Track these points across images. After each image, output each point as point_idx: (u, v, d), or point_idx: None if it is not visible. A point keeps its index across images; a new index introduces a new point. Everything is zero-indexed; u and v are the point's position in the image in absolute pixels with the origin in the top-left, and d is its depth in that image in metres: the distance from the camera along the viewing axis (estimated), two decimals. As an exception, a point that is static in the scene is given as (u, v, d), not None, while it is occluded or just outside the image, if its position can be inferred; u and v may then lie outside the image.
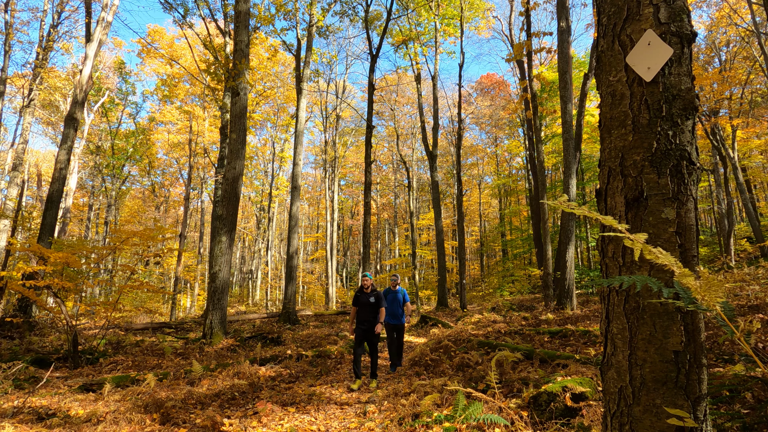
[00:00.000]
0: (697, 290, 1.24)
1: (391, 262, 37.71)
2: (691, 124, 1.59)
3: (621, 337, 1.60)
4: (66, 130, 11.95)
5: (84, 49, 12.88)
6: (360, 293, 6.20)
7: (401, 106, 32.07)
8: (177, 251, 16.93)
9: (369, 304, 6.08)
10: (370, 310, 6.06)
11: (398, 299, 6.73)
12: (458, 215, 18.65)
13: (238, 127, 9.73)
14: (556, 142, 21.31)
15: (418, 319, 12.82)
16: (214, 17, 15.24)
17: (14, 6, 16.72)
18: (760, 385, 2.95)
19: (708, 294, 1.22)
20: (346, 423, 4.30)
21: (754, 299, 6.80)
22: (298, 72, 16.00)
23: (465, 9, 19.68)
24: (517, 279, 23.90)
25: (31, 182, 25.58)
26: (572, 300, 10.61)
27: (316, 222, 42.69)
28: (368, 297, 6.10)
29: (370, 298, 6.11)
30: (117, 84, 25.99)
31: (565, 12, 11.33)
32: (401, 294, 6.82)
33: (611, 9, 1.75)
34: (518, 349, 5.88)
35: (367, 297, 6.11)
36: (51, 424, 4.18)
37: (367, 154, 12.27)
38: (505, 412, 3.69)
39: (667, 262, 1.26)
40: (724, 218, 16.50)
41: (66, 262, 7.68)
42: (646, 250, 1.26)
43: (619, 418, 1.59)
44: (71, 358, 7.16)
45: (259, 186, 32.42)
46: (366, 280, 6.24)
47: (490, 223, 39.85)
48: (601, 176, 1.78)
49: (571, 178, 10.69)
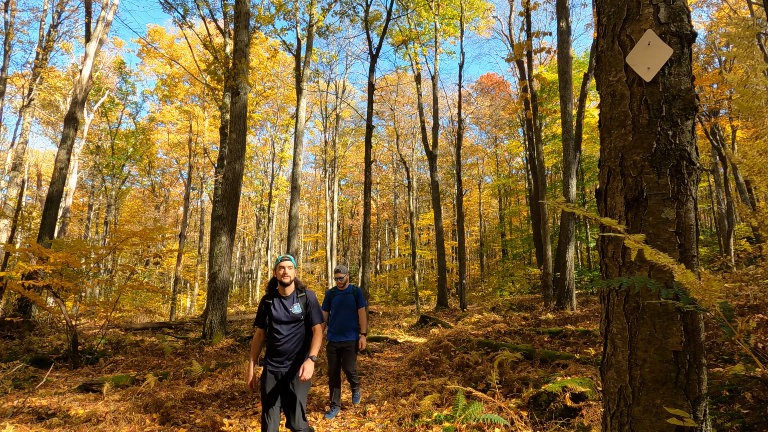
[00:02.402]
0: (697, 291, 1.24)
1: (391, 262, 37.70)
2: (690, 124, 1.59)
3: (621, 337, 1.60)
4: (66, 129, 11.94)
5: (84, 49, 12.89)
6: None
7: (401, 106, 32.07)
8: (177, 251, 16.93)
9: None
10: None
11: (348, 303, 4.78)
12: (458, 215, 18.65)
13: (238, 127, 9.73)
14: (556, 142, 21.29)
15: (418, 319, 12.82)
16: (214, 17, 15.23)
17: (14, 6, 16.71)
18: (759, 385, 2.96)
19: (707, 294, 1.22)
20: (346, 423, 4.30)
21: (753, 299, 6.80)
22: (298, 72, 15.99)
23: (465, 9, 19.67)
24: (516, 279, 23.90)
25: (31, 182, 25.58)
26: (572, 300, 10.60)
27: (316, 222, 42.69)
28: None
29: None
30: (117, 84, 25.98)
31: (565, 12, 11.33)
32: (353, 295, 4.85)
33: (611, 9, 1.75)
34: (518, 349, 5.87)
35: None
36: (51, 424, 4.18)
37: (367, 154, 12.27)
38: (505, 412, 3.69)
39: (667, 262, 1.26)
40: (724, 218, 16.50)
41: (66, 262, 7.68)
42: (647, 251, 1.27)
43: (619, 418, 1.59)
44: (71, 358, 7.16)
45: (259, 186, 32.42)
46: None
47: (490, 223, 39.84)
48: (601, 176, 1.78)
49: (571, 178, 10.69)
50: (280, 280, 3.19)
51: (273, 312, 3.19)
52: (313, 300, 3.29)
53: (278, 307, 3.21)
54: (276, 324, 3.18)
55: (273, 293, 3.26)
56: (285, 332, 3.15)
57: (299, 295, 3.27)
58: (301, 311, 3.21)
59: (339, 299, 4.80)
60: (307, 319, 3.26)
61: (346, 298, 4.80)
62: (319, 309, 3.29)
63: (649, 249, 1.26)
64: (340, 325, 4.69)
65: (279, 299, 3.22)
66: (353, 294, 4.86)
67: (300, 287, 3.30)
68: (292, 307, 3.21)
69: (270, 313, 3.20)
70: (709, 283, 1.22)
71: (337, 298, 4.81)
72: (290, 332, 3.17)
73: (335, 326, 4.70)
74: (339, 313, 4.73)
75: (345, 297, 4.81)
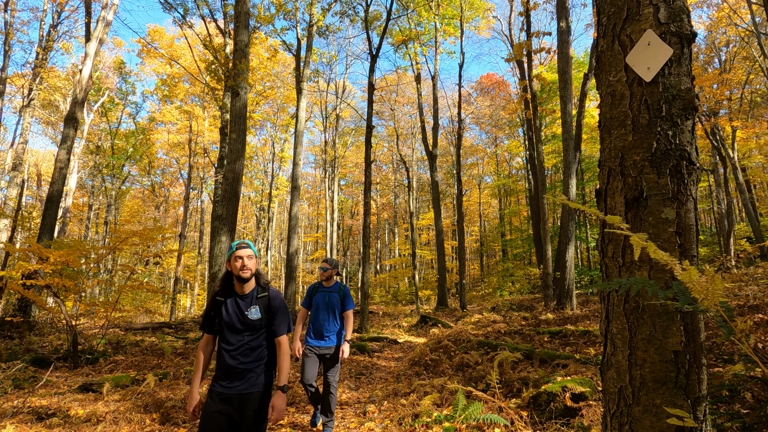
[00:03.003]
0: (699, 290, 1.24)
1: (391, 262, 37.70)
2: (690, 124, 1.59)
3: (621, 337, 1.60)
4: (66, 129, 11.94)
5: (84, 49, 12.89)
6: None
7: (401, 106, 32.07)
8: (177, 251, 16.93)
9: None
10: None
11: (332, 303, 4.07)
12: (458, 215, 18.65)
13: (238, 127, 9.73)
14: (556, 142, 21.30)
15: (418, 319, 12.82)
16: (214, 17, 15.23)
17: (14, 6, 16.71)
18: (759, 385, 2.96)
19: (709, 294, 1.22)
20: (346, 423, 4.30)
21: (753, 299, 6.80)
22: (298, 72, 15.99)
23: (465, 9, 19.68)
24: (516, 279, 23.90)
25: (30, 182, 25.58)
26: (572, 300, 10.60)
27: (316, 222, 42.69)
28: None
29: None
30: (117, 84, 25.99)
31: (564, 12, 11.33)
32: (339, 295, 4.12)
33: (611, 9, 1.75)
34: (518, 349, 5.87)
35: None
36: (51, 424, 4.18)
37: (367, 154, 12.27)
38: (505, 412, 3.69)
39: (668, 260, 1.26)
40: (724, 218, 16.50)
41: (66, 262, 7.68)
42: (651, 248, 1.26)
43: (619, 418, 1.59)
44: (71, 357, 7.16)
45: (259, 186, 32.42)
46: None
47: (490, 223, 39.84)
48: (600, 176, 1.78)
49: (571, 178, 10.69)
50: (237, 275, 2.40)
51: (224, 315, 2.41)
52: (277, 302, 2.48)
53: (231, 309, 2.42)
54: (226, 332, 2.40)
55: (227, 290, 2.48)
56: (236, 343, 2.37)
57: (260, 294, 2.47)
58: (261, 317, 2.41)
59: (322, 297, 4.09)
60: (268, 328, 2.46)
61: (330, 298, 4.07)
62: (286, 315, 2.50)
63: (652, 246, 1.26)
64: (319, 328, 4.00)
65: (234, 299, 2.45)
66: (339, 294, 4.11)
67: (262, 283, 2.52)
68: (249, 311, 2.40)
69: (220, 315, 2.43)
70: (712, 282, 1.22)
71: (320, 296, 4.10)
72: (243, 344, 2.37)
73: (314, 328, 4.04)
74: (320, 314, 4.04)
75: (329, 296, 4.08)
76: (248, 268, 2.42)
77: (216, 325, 2.46)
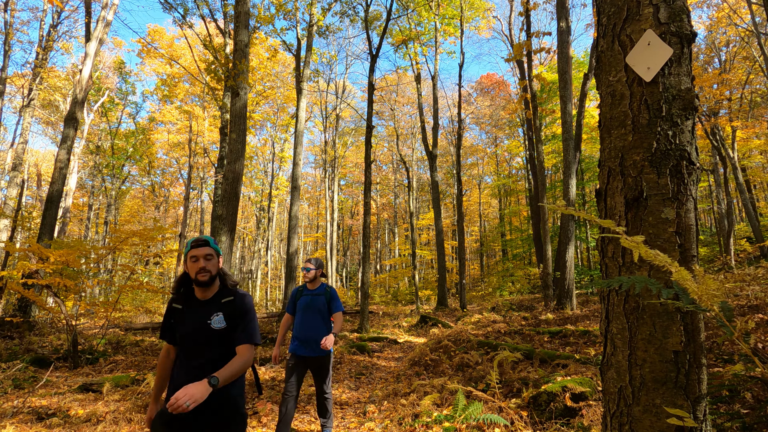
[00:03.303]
0: (695, 291, 1.24)
1: (391, 262, 37.70)
2: (690, 124, 1.59)
3: (621, 337, 1.60)
4: (66, 129, 11.94)
5: (84, 49, 12.89)
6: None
7: (401, 106, 32.08)
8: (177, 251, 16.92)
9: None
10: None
11: (317, 307, 3.76)
12: (458, 215, 18.65)
13: (238, 127, 9.73)
14: (556, 142, 21.30)
15: (418, 319, 12.82)
16: (214, 17, 15.23)
17: (14, 6, 16.71)
18: (759, 385, 2.96)
19: (706, 294, 1.22)
20: (345, 423, 4.30)
21: (753, 299, 6.80)
22: (298, 72, 15.99)
23: (465, 9, 19.68)
24: (516, 279, 23.90)
25: (30, 182, 25.57)
26: (572, 300, 10.61)
27: (316, 222, 42.69)
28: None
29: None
30: (117, 84, 25.99)
31: (564, 12, 11.33)
32: (325, 298, 3.83)
33: (611, 9, 1.75)
34: (518, 349, 5.88)
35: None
36: (51, 424, 4.18)
37: (367, 154, 12.27)
38: (505, 412, 3.69)
39: (664, 262, 1.26)
40: (724, 218, 16.50)
41: (66, 262, 7.68)
42: (642, 250, 1.27)
43: (619, 418, 1.59)
44: (71, 357, 7.16)
45: (259, 186, 32.43)
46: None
47: (490, 223, 39.85)
48: (600, 176, 1.79)
49: (570, 178, 10.69)
50: (195, 279, 2.02)
51: (181, 324, 2.04)
52: (244, 307, 2.06)
53: (191, 318, 2.03)
54: (186, 345, 2.03)
55: (186, 296, 2.10)
56: (198, 359, 2.00)
57: (225, 299, 2.07)
58: (224, 325, 2.01)
59: (306, 301, 3.78)
60: (232, 336, 2.03)
61: (315, 301, 3.76)
62: (252, 322, 2.07)
63: (644, 248, 1.26)
64: (306, 334, 3.66)
65: (194, 306, 2.06)
66: (325, 296, 3.80)
67: (229, 285, 2.12)
68: (213, 319, 2.01)
69: (178, 326, 2.06)
70: (705, 283, 1.22)
71: (305, 300, 3.79)
72: (207, 360, 1.98)
73: (299, 335, 3.70)
74: (306, 319, 3.72)
75: (314, 299, 3.77)
76: (207, 271, 2.01)
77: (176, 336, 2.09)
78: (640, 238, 1.28)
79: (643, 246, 1.26)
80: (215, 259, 2.07)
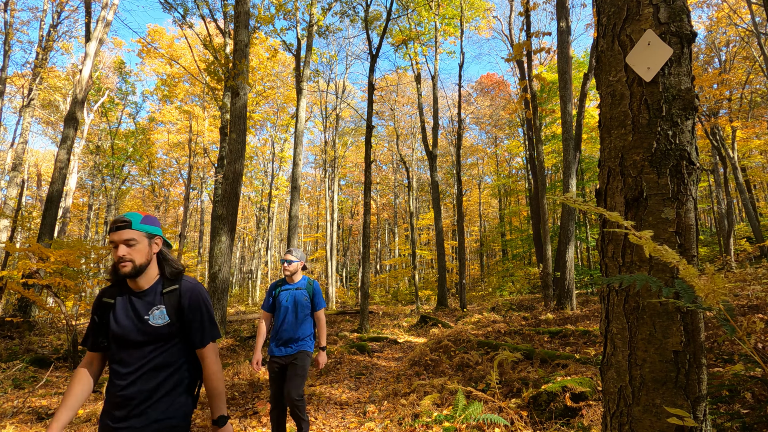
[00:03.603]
0: (702, 288, 1.24)
1: (391, 262, 37.70)
2: (690, 124, 1.59)
3: (621, 337, 1.60)
4: (66, 129, 11.94)
5: (84, 49, 12.89)
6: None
7: (401, 106, 32.08)
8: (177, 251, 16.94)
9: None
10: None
11: (298, 303, 3.42)
12: (458, 215, 18.65)
13: (237, 127, 9.73)
14: (556, 142, 21.31)
15: (418, 319, 12.82)
16: (214, 17, 15.23)
17: (14, 6, 16.71)
18: (759, 384, 2.96)
19: (713, 292, 1.22)
20: (345, 423, 4.30)
21: (754, 299, 6.80)
22: (298, 72, 16.00)
23: (465, 9, 19.68)
24: (516, 279, 23.91)
25: (31, 182, 25.58)
26: (572, 300, 10.61)
27: (316, 222, 42.69)
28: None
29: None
30: (117, 84, 25.99)
31: (564, 12, 11.33)
32: (307, 292, 3.50)
33: (611, 9, 1.75)
34: (518, 349, 5.88)
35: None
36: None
37: (367, 154, 12.26)
38: (505, 412, 3.69)
39: (672, 259, 1.26)
40: (724, 218, 16.50)
41: (66, 262, 7.68)
42: (650, 246, 1.26)
43: (619, 418, 1.59)
44: (71, 357, 7.16)
45: (259, 186, 32.44)
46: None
47: (490, 223, 39.85)
48: (600, 176, 1.79)
49: (571, 178, 10.69)
50: (116, 271, 1.64)
51: (112, 323, 1.64)
52: (192, 298, 1.71)
53: (123, 312, 1.66)
54: (117, 347, 1.64)
55: (119, 286, 1.72)
56: (133, 363, 1.62)
57: (166, 289, 1.70)
58: (168, 321, 1.65)
59: (287, 297, 3.42)
60: (181, 335, 1.70)
61: (296, 296, 3.41)
62: (205, 315, 1.73)
63: (652, 244, 1.26)
64: (285, 333, 3.34)
65: (127, 297, 1.68)
66: (307, 290, 3.48)
67: (169, 273, 1.73)
68: (151, 314, 1.65)
69: (108, 323, 1.66)
70: (714, 280, 1.22)
71: (285, 295, 3.43)
72: (144, 364, 1.62)
73: (279, 334, 3.36)
74: (285, 317, 3.37)
75: (295, 294, 3.42)
76: (127, 261, 1.61)
77: (103, 339, 1.68)
78: (648, 233, 1.27)
79: (651, 242, 1.25)
80: (141, 245, 1.65)
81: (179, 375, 1.69)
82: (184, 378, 1.71)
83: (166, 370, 1.66)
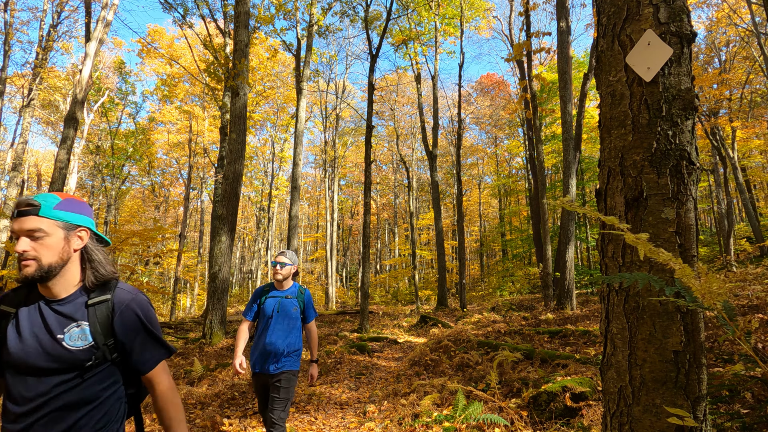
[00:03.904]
0: (698, 288, 1.24)
1: (391, 262, 37.70)
2: (690, 124, 1.59)
3: (621, 337, 1.60)
4: (66, 129, 11.94)
5: (84, 49, 12.89)
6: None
7: (401, 106, 32.09)
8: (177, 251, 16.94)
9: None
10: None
11: (287, 312, 3.01)
12: (458, 215, 18.65)
13: (238, 127, 9.74)
14: (556, 142, 21.31)
15: (418, 319, 12.82)
16: (214, 17, 15.23)
17: (14, 6, 16.71)
18: (759, 384, 2.96)
19: (709, 292, 1.22)
20: (345, 423, 4.31)
21: (754, 299, 6.80)
22: (298, 72, 16.00)
23: (465, 9, 19.68)
24: (516, 279, 23.91)
25: (30, 182, 25.57)
26: (572, 300, 10.61)
27: (316, 222, 42.70)
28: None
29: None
30: (117, 84, 26.00)
31: (564, 12, 11.33)
32: (297, 301, 3.09)
33: (611, 9, 1.75)
34: (518, 349, 5.88)
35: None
36: (51, 424, 4.18)
37: (367, 154, 12.26)
38: (505, 412, 3.69)
39: (666, 259, 1.26)
40: (724, 218, 16.50)
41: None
42: (646, 248, 1.27)
43: (619, 418, 1.59)
44: None
45: (259, 186, 32.44)
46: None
47: (490, 223, 39.85)
48: (600, 176, 1.79)
49: (571, 178, 10.69)
50: (21, 273, 1.19)
51: (11, 339, 1.19)
52: (126, 310, 1.28)
53: (26, 325, 1.20)
54: (13, 375, 1.19)
55: (24, 293, 1.28)
56: (33, 398, 1.16)
57: (92, 300, 1.25)
58: (91, 343, 1.21)
59: (274, 304, 2.99)
60: (121, 364, 1.31)
61: (285, 304, 3.00)
62: (150, 332, 1.33)
63: (648, 245, 1.26)
64: (270, 347, 2.89)
65: (36, 307, 1.23)
66: (297, 299, 3.08)
67: (98, 278, 1.28)
68: (67, 332, 1.20)
69: (5, 340, 1.20)
70: (708, 281, 1.22)
71: (272, 302, 3.00)
72: (48, 400, 1.16)
73: (262, 347, 2.92)
74: (272, 326, 2.94)
75: (284, 302, 3.01)
76: (29, 259, 1.18)
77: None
78: (644, 236, 1.27)
79: (647, 243, 1.26)
80: (52, 238, 1.19)
81: (104, 412, 1.24)
82: (113, 414, 1.27)
83: (83, 409, 1.20)
